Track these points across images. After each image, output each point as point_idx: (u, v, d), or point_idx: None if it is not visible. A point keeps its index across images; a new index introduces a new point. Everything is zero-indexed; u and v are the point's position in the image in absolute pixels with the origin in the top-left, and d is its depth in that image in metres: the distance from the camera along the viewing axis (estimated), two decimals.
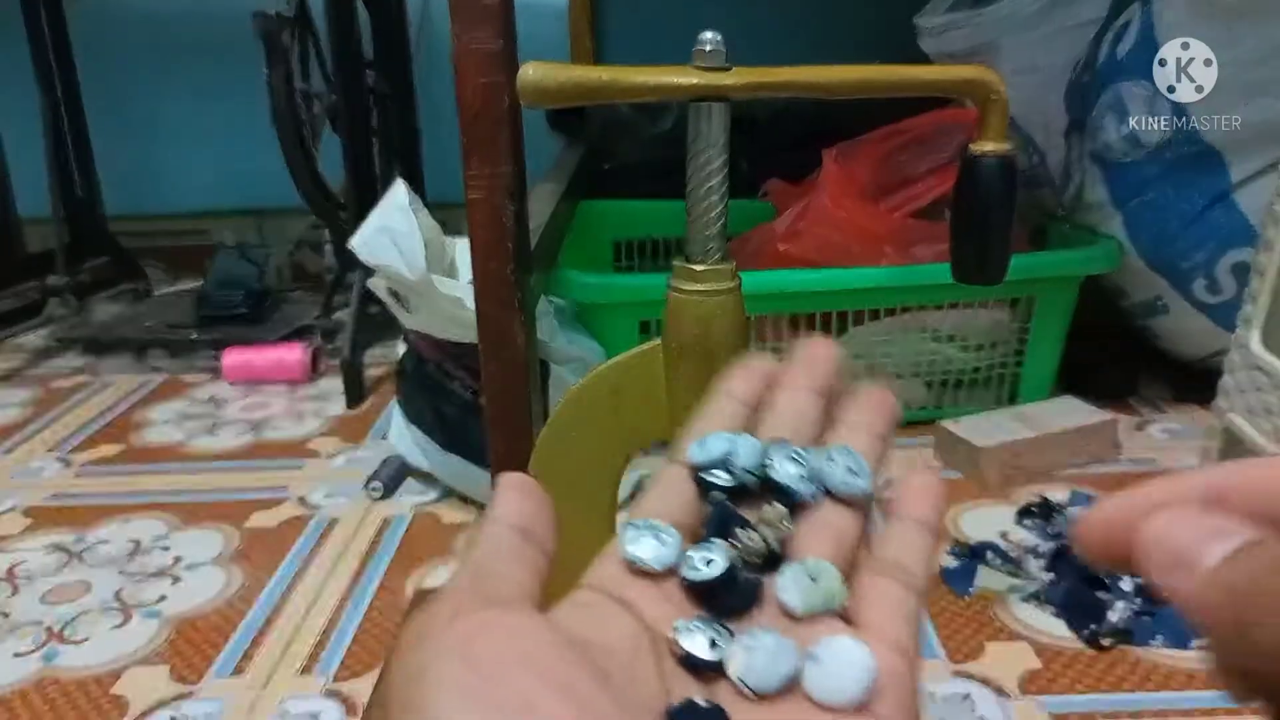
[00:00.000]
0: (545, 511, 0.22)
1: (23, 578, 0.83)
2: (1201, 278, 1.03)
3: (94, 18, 1.65)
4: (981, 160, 0.51)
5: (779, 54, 1.17)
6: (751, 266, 1.03)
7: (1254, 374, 0.80)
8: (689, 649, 0.20)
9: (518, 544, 0.21)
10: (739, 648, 0.20)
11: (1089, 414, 1.00)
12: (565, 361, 0.90)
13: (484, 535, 0.21)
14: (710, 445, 0.25)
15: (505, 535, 0.21)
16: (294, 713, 0.66)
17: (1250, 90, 0.94)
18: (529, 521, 0.22)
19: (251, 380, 1.31)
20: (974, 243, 0.54)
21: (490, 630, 0.18)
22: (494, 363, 0.62)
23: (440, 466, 0.94)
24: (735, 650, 0.20)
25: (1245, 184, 0.99)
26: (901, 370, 1.08)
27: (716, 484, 0.25)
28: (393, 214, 0.81)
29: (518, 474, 0.23)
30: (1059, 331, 1.08)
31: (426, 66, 1.63)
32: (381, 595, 0.79)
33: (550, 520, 0.22)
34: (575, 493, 0.56)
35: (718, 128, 0.45)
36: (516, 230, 0.60)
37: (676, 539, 0.23)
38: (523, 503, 0.22)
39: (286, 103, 1.18)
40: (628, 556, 0.23)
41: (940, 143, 1.08)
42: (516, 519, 0.22)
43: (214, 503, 0.96)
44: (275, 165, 1.23)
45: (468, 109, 0.57)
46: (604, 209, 1.38)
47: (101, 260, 1.60)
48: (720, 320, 0.47)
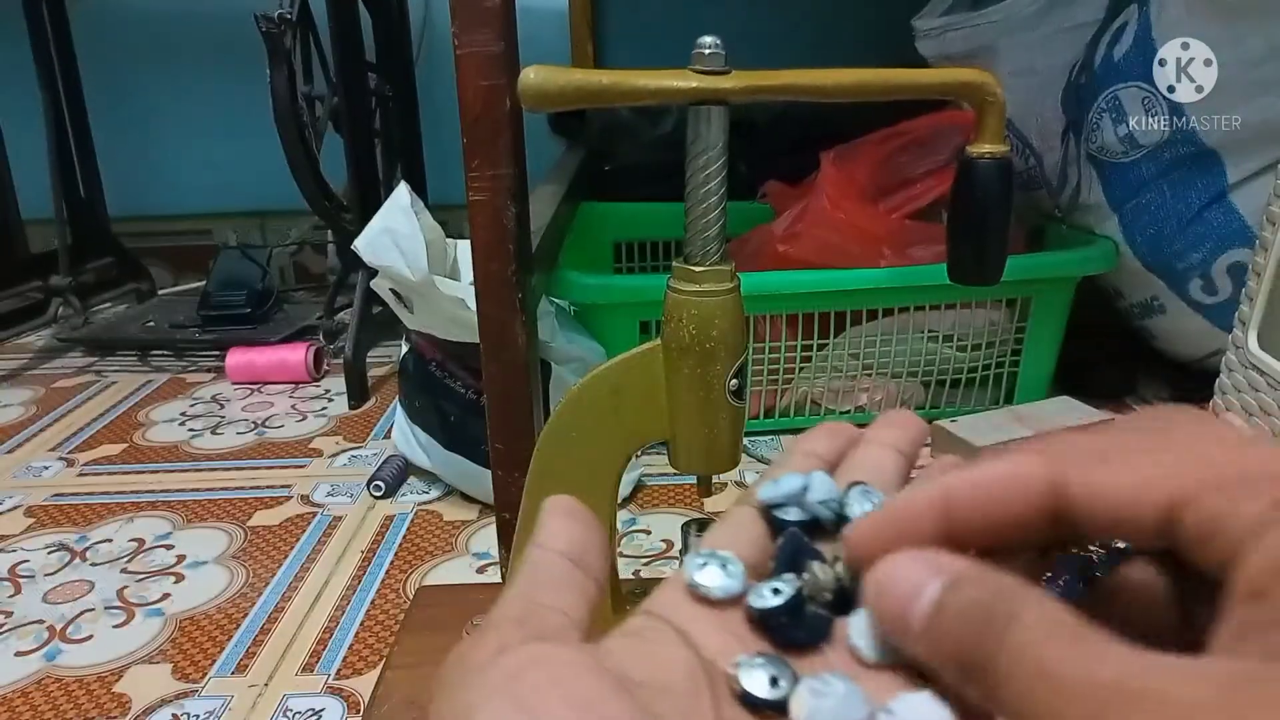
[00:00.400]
0: (596, 536, 0.21)
1: (25, 576, 0.84)
2: (1198, 278, 1.03)
3: (96, 19, 1.66)
4: (979, 162, 0.51)
5: (777, 57, 1.18)
6: (751, 268, 1.04)
7: (1250, 374, 0.80)
8: (748, 686, 0.19)
9: (567, 571, 0.20)
10: (805, 690, 0.19)
11: (1086, 414, 1.00)
12: (565, 361, 0.90)
13: (531, 562, 0.21)
14: (783, 482, 0.24)
15: (554, 562, 0.21)
16: (296, 710, 0.66)
17: (1250, 90, 0.94)
18: (579, 547, 0.21)
19: (254, 380, 1.32)
20: (971, 244, 0.54)
21: (538, 667, 0.17)
22: (495, 363, 0.62)
23: (442, 466, 0.94)
24: (801, 692, 0.19)
25: (1242, 184, 1.00)
26: (899, 370, 1.08)
27: (788, 520, 0.24)
28: (395, 215, 0.81)
29: (565, 497, 0.22)
30: (1056, 332, 1.09)
31: (428, 69, 1.64)
32: (383, 593, 0.80)
33: (601, 546, 0.21)
34: (575, 493, 0.56)
35: (717, 130, 0.45)
36: (518, 232, 0.60)
37: (742, 569, 0.22)
38: (572, 528, 0.21)
39: (289, 104, 1.18)
40: (691, 583, 0.21)
41: (938, 145, 1.09)
42: (565, 545, 0.21)
43: (217, 501, 0.97)
44: (278, 166, 1.24)
45: (469, 111, 0.58)
46: (604, 211, 1.39)
47: (104, 261, 1.60)
48: (720, 321, 0.47)
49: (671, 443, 0.51)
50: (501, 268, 0.60)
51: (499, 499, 0.66)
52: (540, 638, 0.18)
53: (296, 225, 1.76)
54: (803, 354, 1.05)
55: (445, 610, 0.71)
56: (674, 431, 0.51)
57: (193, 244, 1.82)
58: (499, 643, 0.18)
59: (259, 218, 1.81)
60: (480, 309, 0.62)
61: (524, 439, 0.63)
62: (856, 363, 1.07)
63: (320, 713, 0.66)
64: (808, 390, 1.08)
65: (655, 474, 0.98)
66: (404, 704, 0.61)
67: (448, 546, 0.87)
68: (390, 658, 0.66)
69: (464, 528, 0.90)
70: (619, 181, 1.49)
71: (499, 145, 0.58)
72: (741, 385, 0.50)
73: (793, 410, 1.09)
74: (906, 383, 1.09)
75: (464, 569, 0.83)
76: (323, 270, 1.76)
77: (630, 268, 1.42)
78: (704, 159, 0.46)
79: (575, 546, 0.21)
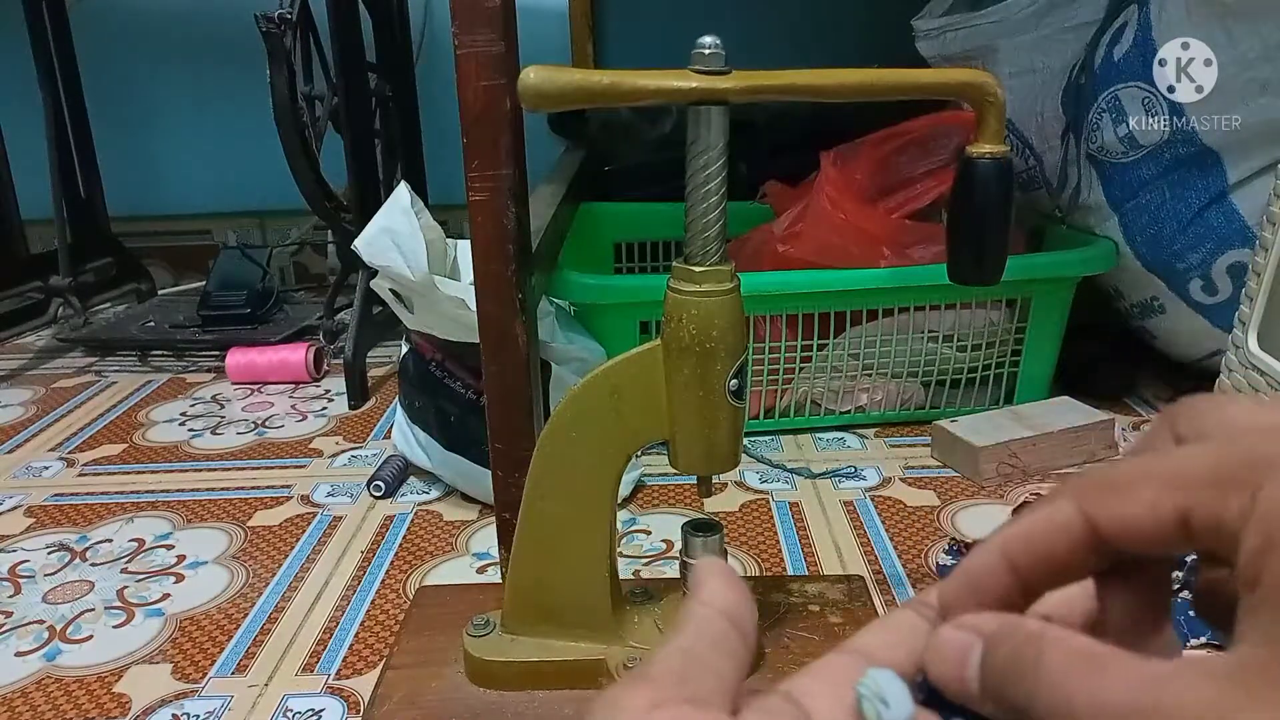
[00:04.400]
0: (750, 602, 0.21)
1: (25, 577, 0.84)
2: (1198, 278, 1.03)
3: (96, 19, 1.66)
4: (979, 162, 0.51)
5: (777, 58, 1.18)
6: (750, 268, 1.04)
7: (1250, 374, 0.81)
8: None
9: (726, 632, 0.20)
10: None
11: (1086, 414, 1.00)
12: (565, 361, 0.90)
13: (693, 618, 0.21)
14: None
15: (715, 621, 0.21)
16: (296, 710, 0.66)
17: (1250, 90, 0.95)
18: (736, 610, 0.21)
19: (254, 380, 1.32)
20: (971, 244, 0.55)
21: None
22: (495, 363, 0.62)
23: (442, 466, 0.94)
24: None
25: (1242, 185, 1.00)
26: (899, 370, 1.08)
27: None
28: (395, 216, 0.81)
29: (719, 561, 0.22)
30: (1056, 332, 1.09)
31: (428, 69, 1.64)
32: (383, 593, 0.80)
33: (754, 612, 0.21)
34: (575, 493, 0.56)
35: (717, 131, 0.45)
36: (518, 232, 0.61)
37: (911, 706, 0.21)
38: (729, 590, 0.21)
39: (289, 104, 1.18)
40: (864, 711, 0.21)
41: (938, 145, 1.09)
42: (724, 605, 0.21)
43: (217, 501, 0.97)
44: (278, 166, 1.24)
45: (469, 111, 0.58)
46: (604, 211, 1.39)
47: (104, 261, 1.60)
48: (720, 321, 0.47)
49: (671, 443, 0.51)
50: (502, 268, 0.60)
51: (499, 499, 0.66)
52: (694, 701, 0.18)
53: (296, 225, 1.76)
54: (803, 354, 1.05)
55: (445, 610, 0.71)
56: (674, 431, 0.51)
57: (193, 244, 1.82)
58: (655, 697, 0.18)
59: (259, 218, 1.81)
60: (480, 309, 0.62)
61: (524, 439, 0.63)
62: (856, 363, 1.07)
63: (320, 713, 0.66)
64: (808, 390, 1.08)
65: (655, 474, 0.98)
66: (404, 704, 0.61)
67: (448, 546, 0.87)
68: (390, 658, 0.66)
69: (464, 528, 0.91)
70: (619, 182, 1.49)
71: (499, 145, 0.58)
72: (741, 385, 0.50)
73: (793, 410, 1.09)
74: (906, 383, 1.09)
75: (464, 569, 0.83)
76: (323, 270, 1.76)
77: (630, 268, 1.42)
78: (704, 159, 0.46)
79: (733, 608, 0.21)
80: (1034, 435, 0.96)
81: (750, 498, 0.94)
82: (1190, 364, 1.13)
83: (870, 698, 0.19)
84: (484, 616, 0.63)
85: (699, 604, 0.21)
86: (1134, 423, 1.09)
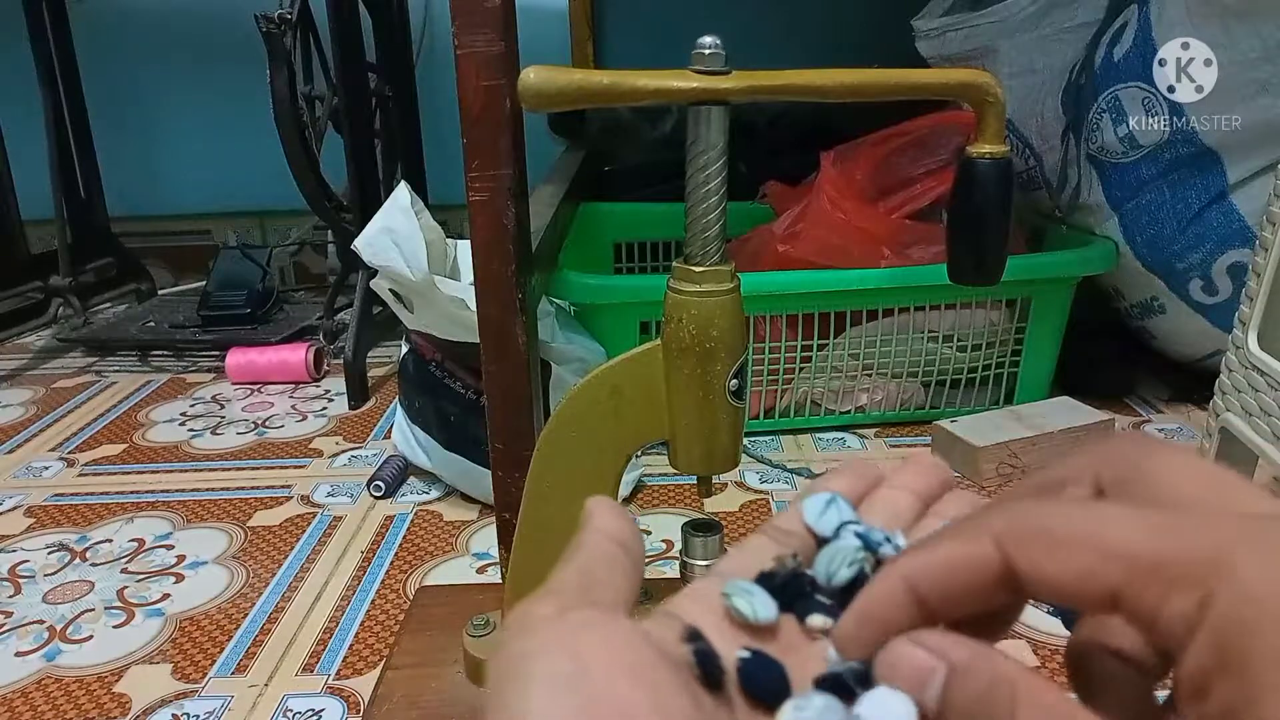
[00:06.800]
0: (637, 531, 0.23)
1: (25, 577, 0.84)
2: (1198, 278, 1.03)
3: (97, 19, 1.66)
4: (979, 162, 0.51)
5: (777, 57, 1.17)
6: (751, 268, 1.04)
7: (1250, 374, 0.80)
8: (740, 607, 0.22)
9: (618, 554, 0.22)
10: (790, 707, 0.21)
11: (1086, 414, 1.00)
12: (565, 361, 0.90)
13: (586, 542, 0.22)
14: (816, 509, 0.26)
15: (606, 544, 0.22)
16: (296, 710, 0.66)
17: (1250, 90, 0.95)
18: (625, 536, 0.22)
19: (255, 380, 1.32)
20: (971, 244, 0.54)
21: (595, 630, 0.19)
22: (495, 363, 0.62)
23: (442, 466, 0.94)
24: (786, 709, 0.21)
25: (1242, 185, 1.00)
26: (899, 370, 1.08)
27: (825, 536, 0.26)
28: (395, 216, 0.81)
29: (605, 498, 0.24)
30: (1056, 332, 1.09)
31: (428, 69, 1.64)
32: (383, 593, 0.80)
33: (640, 539, 0.23)
34: (575, 492, 0.56)
35: (717, 131, 0.45)
36: (518, 232, 0.60)
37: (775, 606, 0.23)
38: (617, 520, 0.23)
39: (289, 104, 1.18)
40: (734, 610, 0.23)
41: (937, 145, 1.09)
42: (614, 533, 0.22)
43: (217, 501, 0.97)
44: (278, 166, 1.24)
45: (469, 111, 0.58)
46: (604, 211, 1.39)
47: (104, 261, 1.60)
48: (720, 321, 0.47)
49: (671, 443, 0.51)
50: (502, 268, 0.60)
51: (499, 499, 0.66)
52: (597, 606, 0.20)
53: (296, 225, 1.76)
54: (803, 354, 1.05)
55: (445, 610, 0.71)
56: (674, 432, 0.51)
57: (193, 244, 1.82)
58: (561, 603, 0.19)
59: (259, 218, 1.81)
60: (480, 309, 0.62)
61: (524, 439, 0.63)
62: (856, 363, 1.07)
63: (320, 713, 0.66)
64: (808, 390, 1.08)
65: (655, 474, 0.98)
66: (404, 704, 0.61)
67: (448, 546, 0.87)
68: (390, 658, 0.66)
69: (464, 528, 0.91)
70: (619, 182, 1.49)
71: (499, 145, 0.58)
72: (741, 385, 0.50)
73: (793, 410, 1.09)
74: (906, 383, 1.09)
75: (464, 569, 0.83)
76: (323, 270, 1.76)
77: (630, 268, 1.42)
78: (704, 159, 0.46)
79: (623, 534, 0.23)
80: (1034, 435, 0.96)
81: (750, 498, 0.94)
82: (1190, 364, 1.13)
83: (738, 593, 0.23)
84: (484, 616, 0.63)
85: (590, 531, 0.23)
86: (1134, 423, 1.09)
